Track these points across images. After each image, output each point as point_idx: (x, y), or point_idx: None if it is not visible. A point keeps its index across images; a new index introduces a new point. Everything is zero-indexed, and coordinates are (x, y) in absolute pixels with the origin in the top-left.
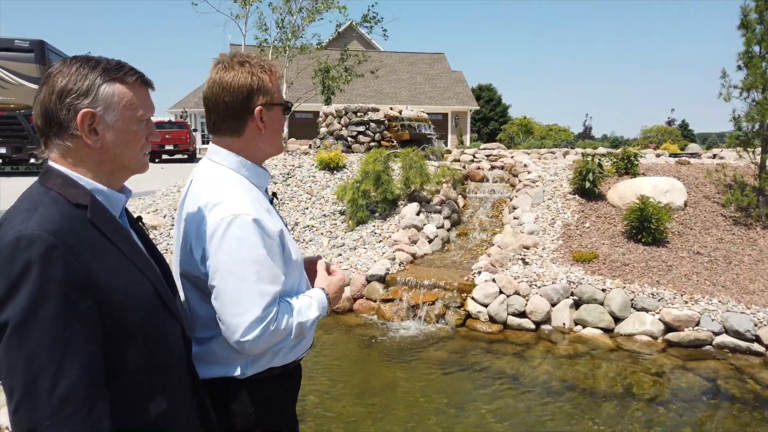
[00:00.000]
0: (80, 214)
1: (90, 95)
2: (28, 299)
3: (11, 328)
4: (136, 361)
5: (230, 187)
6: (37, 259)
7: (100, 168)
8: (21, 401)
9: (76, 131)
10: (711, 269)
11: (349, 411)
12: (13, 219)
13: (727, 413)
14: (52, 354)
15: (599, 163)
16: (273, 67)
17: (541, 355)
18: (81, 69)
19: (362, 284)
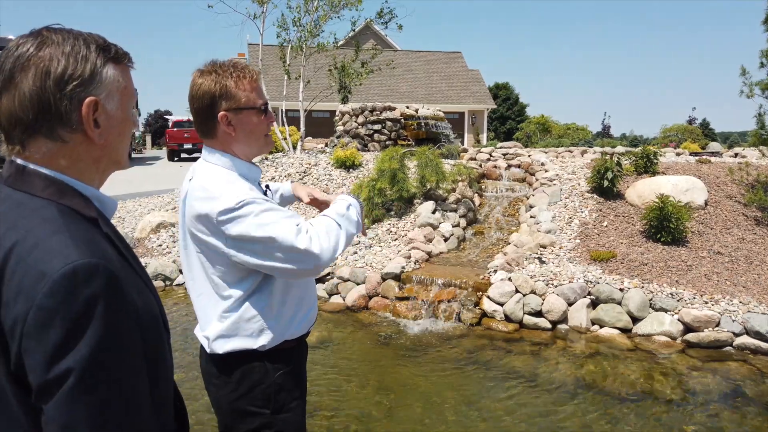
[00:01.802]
0: (97, 229)
1: (94, 80)
2: (96, 341)
3: (76, 377)
4: (156, 384)
5: (227, 181)
6: (102, 293)
7: (95, 167)
8: None
9: (77, 124)
10: (732, 269)
11: (363, 407)
12: (44, 242)
13: (747, 415)
14: (124, 404)
15: (618, 162)
16: (242, 72)
17: (557, 355)
18: (78, 48)
19: (378, 282)
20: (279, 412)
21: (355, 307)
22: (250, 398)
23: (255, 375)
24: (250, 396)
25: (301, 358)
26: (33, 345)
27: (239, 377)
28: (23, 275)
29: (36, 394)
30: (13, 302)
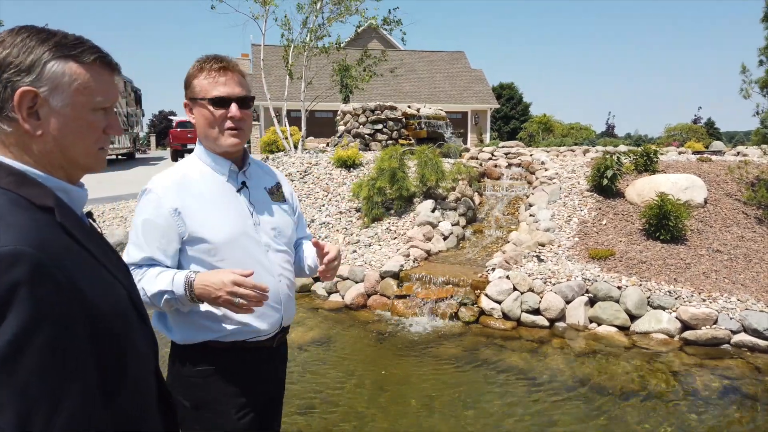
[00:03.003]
0: (49, 218)
1: (33, 72)
2: (16, 327)
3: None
4: (117, 371)
5: (171, 169)
6: (26, 279)
7: (50, 160)
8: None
9: (12, 113)
10: (730, 267)
11: (361, 404)
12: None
13: (744, 412)
14: (47, 387)
15: (618, 160)
16: (206, 63)
17: (554, 353)
18: (27, 41)
19: (376, 280)
20: (198, 409)
21: (353, 305)
22: (174, 386)
23: (176, 365)
24: (175, 384)
25: (238, 366)
26: None
27: (170, 364)
28: None
29: None
30: None
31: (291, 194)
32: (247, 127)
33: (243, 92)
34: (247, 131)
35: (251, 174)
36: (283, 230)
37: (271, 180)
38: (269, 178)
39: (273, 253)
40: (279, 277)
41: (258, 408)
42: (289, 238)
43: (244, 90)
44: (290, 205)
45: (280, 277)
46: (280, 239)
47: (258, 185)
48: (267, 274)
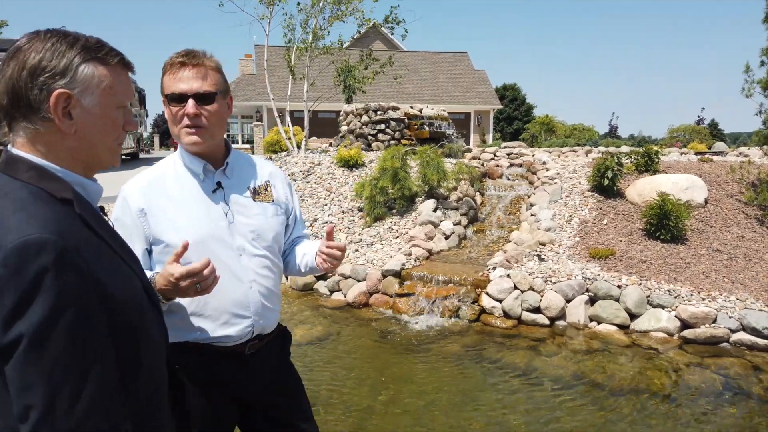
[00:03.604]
0: (68, 210)
1: (67, 75)
2: (44, 311)
3: (27, 342)
4: (133, 362)
5: (149, 168)
6: (51, 265)
7: (73, 157)
8: (40, 420)
9: (48, 114)
10: (730, 267)
11: (362, 400)
12: (4, 220)
13: (743, 410)
14: (71, 368)
15: (618, 161)
16: (170, 59)
17: (555, 351)
18: (58, 45)
19: (378, 279)
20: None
21: (355, 303)
22: None
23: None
24: None
25: (199, 367)
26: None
27: None
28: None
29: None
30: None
31: (286, 194)
32: (210, 124)
33: (203, 87)
34: (211, 128)
35: (233, 172)
36: (264, 233)
37: (259, 179)
38: (258, 177)
39: (247, 257)
40: (250, 284)
41: (223, 412)
42: (270, 242)
43: (206, 84)
44: (279, 206)
45: (251, 284)
46: (259, 242)
47: (240, 184)
48: (236, 279)
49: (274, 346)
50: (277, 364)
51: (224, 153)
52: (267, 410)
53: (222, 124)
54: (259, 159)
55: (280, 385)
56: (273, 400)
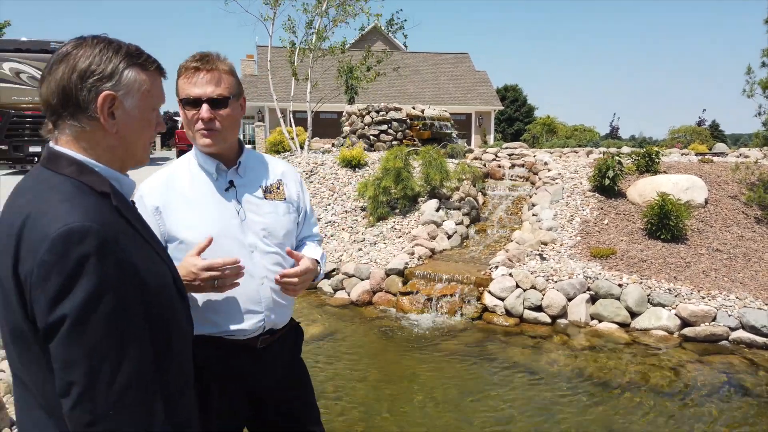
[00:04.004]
0: (107, 202)
1: (113, 78)
2: (86, 293)
3: (70, 322)
4: (167, 348)
5: (164, 167)
6: (93, 251)
7: (112, 154)
8: (82, 395)
9: (94, 114)
10: (729, 266)
11: (366, 396)
12: (50, 210)
13: (742, 406)
14: (110, 347)
15: (619, 161)
16: (184, 64)
17: (556, 348)
18: (105, 51)
19: (382, 278)
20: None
21: (359, 302)
22: None
23: None
24: None
25: (211, 360)
26: (38, 294)
27: None
28: (33, 236)
29: (42, 335)
30: (25, 259)
31: (298, 192)
32: (223, 128)
33: (216, 92)
34: (224, 131)
35: (246, 171)
36: (275, 231)
37: (271, 177)
38: (270, 176)
39: (259, 254)
40: (262, 280)
41: (238, 407)
42: (282, 239)
43: (219, 89)
44: (290, 204)
45: (263, 280)
46: (271, 240)
47: (252, 183)
48: (247, 276)
49: (286, 342)
50: (290, 359)
51: (237, 152)
52: (279, 405)
53: (235, 126)
54: (271, 158)
55: (293, 380)
56: (285, 394)
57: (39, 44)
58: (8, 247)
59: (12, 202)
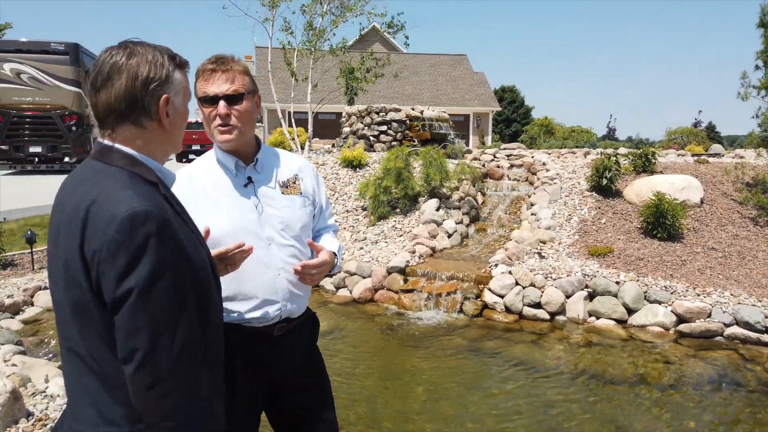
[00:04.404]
0: (156, 190)
1: (168, 82)
2: (150, 269)
3: (136, 294)
4: (206, 325)
5: (188, 165)
6: (155, 232)
7: (161, 147)
8: (144, 360)
9: (155, 114)
10: (724, 264)
11: (369, 390)
12: (115, 195)
13: (736, 399)
14: (169, 317)
15: (616, 161)
16: (201, 66)
17: (555, 344)
18: (157, 57)
19: (383, 276)
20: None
21: (361, 299)
22: None
23: None
24: None
25: (241, 349)
26: (106, 269)
27: None
28: (100, 218)
29: (109, 307)
30: (92, 238)
31: (313, 186)
32: (240, 123)
33: (232, 89)
34: (242, 126)
35: (263, 167)
36: (292, 224)
37: (288, 172)
38: (287, 171)
39: (276, 247)
40: (278, 271)
41: (258, 394)
42: (298, 231)
43: (235, 86)
44: (306, 198)
45: (279, 271)
46: (287, 233)
47: (269, 178)
48: (264, 267)
49: (303, 330)
50: (307, 348)
51: (255, 149)
52: (296, 393)
53: (251, 121)
54: (287, 153)
55: (310, 367)
56: (302, 382)
57: (39, 45)
58: (74, 230)
59: (72, 191)
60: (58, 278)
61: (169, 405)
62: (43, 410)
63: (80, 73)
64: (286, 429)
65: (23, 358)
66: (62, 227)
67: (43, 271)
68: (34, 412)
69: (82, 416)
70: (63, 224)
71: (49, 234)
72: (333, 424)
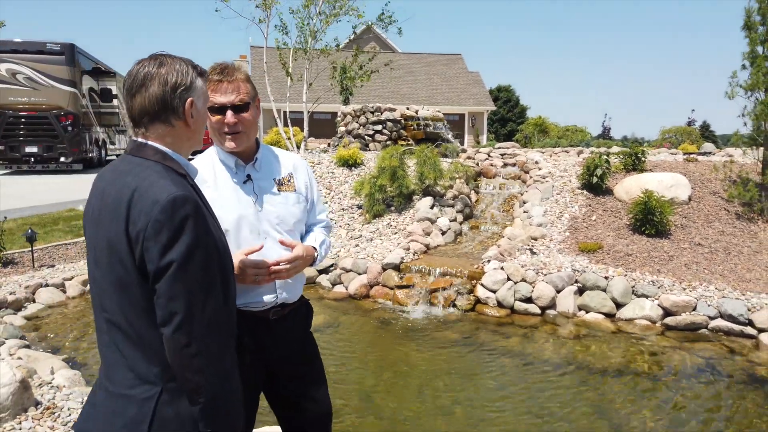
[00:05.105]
0: (186, 181)
1: (192, 88)
2: (188, 244)
3: (176, 266)
4: (225, 298)
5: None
6: (192, 213)
7: (186, 144)
8: (182, 321)
9: (182, 115)
10: (710, 259)
11: (365, 382)
12: (156, 183)
13: (720, 389)
14: (202, 286)
15: (606, 159)
16: (211, 77)
17: (545, 337)
18: (183, 66)
19: (378, 272)
20: None
21: (357, 295)
22: None
23: None
24: None
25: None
26: (151, 245)
27: None
28: (144, 203)
29: (152, 277)
30: (137, 220)
31: (306, 183)
32: (246, 129)
33: (238, 98)
34: (247, 132)
35: (261, 166)
36: (286, 219)
37: (284, 171)
38: (283, 169)
39: (272, 240)
40: None
41: (257, 379)
42: (292, 226)
43: (240, 95)
44: (300, 195)
45: None
46: (282, 227)
47: (267, 176)
48: (262, 258)
49: (297, 316)
50: (301, 334)
51: (254, 149)
52: (291, 380)
53: (255, 126)
54: (284, 152)
55: (305, 356)
56: (297, 370)
57: (35, 45)
58: (119, 213)
59: (112, 180)
60: (101, 257)
61: (199, 363)
62: (51, 399)
63: (76, 74)
64: (282, 414)
65: (28, 351)
66: (104, 212)
67: (44, 269)
68: (42, 401)
69: (119, 379)
70: (106, 209)
71: (88, 219)
72: (326, 408)
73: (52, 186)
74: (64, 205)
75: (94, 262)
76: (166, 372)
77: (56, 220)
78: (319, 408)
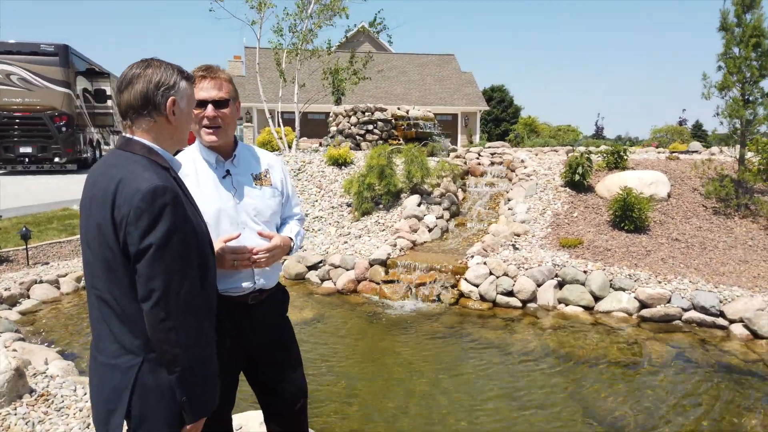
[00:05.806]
0: (168, 173)
1: (175, 87)
2: (165, 230)
3: (154, 248)
4: (203, 280)
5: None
6: (170, 202)
7: (168, 140)
8: (160, 298)
9: (163, 111)
10: (686, 254)
11: (352, 370)
12: (139, 175)
13: (692, 377)
14: (179, 268)
15: (588, 158)
16: (195, 74)
17: (526, 329)
18: (169, 69)
19: (365, 267)
20: None
21: (344, 290)
22: None
23: None
24: None
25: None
26: (132, 230)
27: None
28: (127, 192)
29: (133, 258)
30: (121, 207)
31: (281, 179)
32: (225, 124)
33: (219, 95)
34: (225, 128)
35: (240, 162)
36: (263, 211)
37: (261, 167)
38: (260, 165)
39: (249, 231)
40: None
41: (234, 365)
42: (268, 217)
43: (221, 92)
44: (275, 189)
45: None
46: (259, 218)
47: (245, 171)
48: (241, 247)
49: (274, 301)
50: (278, 320)
51: (233, 146)
52: (269, 366)
53: (234, 123)
54: (261, 150)
55: (282, 342)
56: (274, 356)
57: (29, 46)
58: (106, 201)
59: (103, 171)
60: (92, 239)
61: (176, 336)
62: (45, 387)
63: (70, 74)
64: (261, 398)
65: (23, 344)
66: (94, 201)
67: (38, 266)
68: (36, 389)
69: (107, 350)
70: (95, 198)
71: (82, 206)
72: (301, 386)
73: (46, 186)
74: (59, 205)
75: (86, 245)
76: (148, 344)
77: (50, 219)
78: (294, 387)
